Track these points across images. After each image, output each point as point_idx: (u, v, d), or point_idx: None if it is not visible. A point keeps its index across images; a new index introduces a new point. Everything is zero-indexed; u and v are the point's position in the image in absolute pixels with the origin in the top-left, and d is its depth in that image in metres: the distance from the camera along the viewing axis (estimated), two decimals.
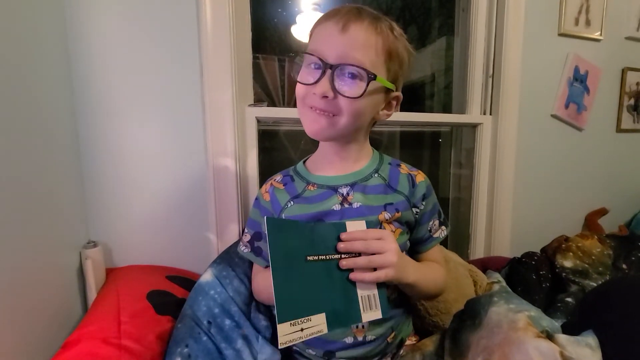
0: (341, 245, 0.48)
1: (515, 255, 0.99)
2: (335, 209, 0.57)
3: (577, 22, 1.27)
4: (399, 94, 0.59)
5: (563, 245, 0.96)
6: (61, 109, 0.73)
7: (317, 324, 0.44)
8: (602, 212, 1.41)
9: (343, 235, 0.49)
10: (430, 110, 1.39)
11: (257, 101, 0.96)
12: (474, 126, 1.23)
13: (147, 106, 0.83)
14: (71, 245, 0.73)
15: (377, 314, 0.49)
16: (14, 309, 0.53)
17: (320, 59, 0.50)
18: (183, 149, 0.86)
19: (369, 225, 0.52)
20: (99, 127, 0.80)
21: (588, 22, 1.28)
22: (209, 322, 0.64)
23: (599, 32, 1.31)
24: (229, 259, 0.74)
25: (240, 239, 0.71)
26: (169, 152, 0.85)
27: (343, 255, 0.49)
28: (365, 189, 0.58)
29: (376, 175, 0.60)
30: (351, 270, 0.48)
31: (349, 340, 0.56)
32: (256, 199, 0.67)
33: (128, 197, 0.84)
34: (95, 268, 0.75)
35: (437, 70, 1.38)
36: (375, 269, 0.49)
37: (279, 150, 1.13)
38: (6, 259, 0.52)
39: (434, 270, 0.62)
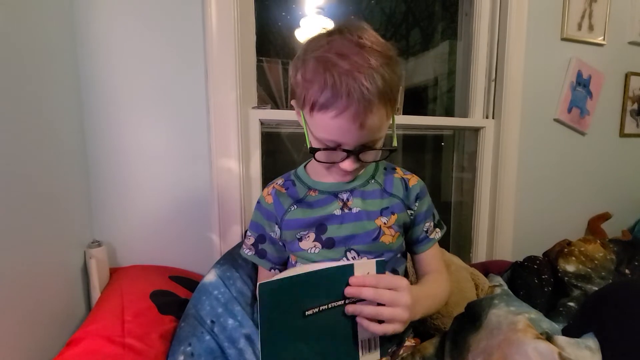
0: (349, 290, 0.46)
1: (517, 259, 0.98)
2: (336, 213, 0.60)
3: (580, 27, 1.27)
4: (397, 106, 0.63)
5: (565, 250, 0.96)
6: (68, 111, 0.74)
7: None
8: (605, 216, 1.40)
9: (352, 280, 0.47)
10: (433, 113, 1.40)
11: (261, 104, 0.97)
12: (476, 130, 1.23)
13: (152, 108, 0.84)
14: (76, 244, 0.74)
15: (375, 355, 0.48)
16: (19, 306, 0.53)
17: (344, 150, 0.51)
18: (187, 150, 0.87)
19: (379, 267, 0.49)
20: (105, 128, 0.81)
21: (591, 27, 1.29)
22: (212, 322, 0.64)
23: (602, 37, 1.31)
24: (232, 260, 0.75)
25: (242, 241, 0.71)
26: (173, 154, 0.87)
27: (347, 300, 0.46)
28: (364, 194, 0.61)
29: (372, 181, 0.63)
30: (354, 315, 0.47)
31: None
32: (258, 202, 0.68)
33: (132, 198, 0.85)
34: (99, 267, 0.75)
35: (440, 74, 1.38)
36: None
37: (281, 152, 1.13)
38: (13, 256, 0.53)
39: (438, 286, 0.62)
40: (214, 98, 0.86)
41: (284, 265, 0.68)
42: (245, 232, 0.72)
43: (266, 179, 0.97)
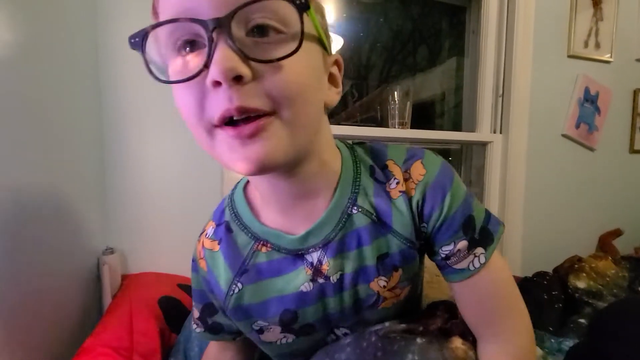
0: None
1: (527, 274, 0.97)
2: (304, 289, 0.37)
3: (586, 45, 1.29)
4: (339, 56, 0.36)
5: (576, 266, 0.94)
6: (88, 121, 0.77)
7: None
8: (617, 233, 1.38)
9: None
10: (441, 128, 1.41)
11: None
12: (483, 144, 1.24)
13: (167, 121, 0.87)
14: (90, 251, 0.76)
15: None
16: (34, 310, 0.55)
17: (194, 21, 0.26)
18: (198, 161, 0.90)
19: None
20: (121, 139, 0.84)
21: (598, 45, 1.30)
22: None
23: (609, 55, 1.32)
24: None
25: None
26: (185, 164, 0.89)
27: None
28: (344, 246, 0.36)
29: (355, 210, 0.36)
30: None
31: None
32: (193, 260, 0.45)
33: (145, 207, 0.87)
34: (112, 274, 0.77)
35: (447, 89, 1.41)
36: None
37: None
38: (30, 262, 0.54)
39: None
40: None
41: None
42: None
43: None
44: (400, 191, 0.36)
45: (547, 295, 0.87)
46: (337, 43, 1.20)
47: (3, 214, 0.48)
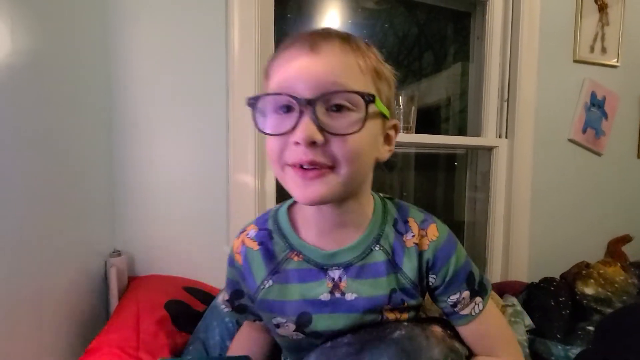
0: None
1: (533, 280, 0.96)
2: (323, 299, 0.44)
3: (592, 50, 1.28)
4: (397, 121, 0.46)
5: (584, 272, 0.93)
6: (99, 128, 0.79)
7: None
8: (626, 239, 1.36)
9: None
10: (446, 133, 1.41)
11: None
12: (489, 149, 1.24)
13: (175, 125, 0.88)
14: (98, 253, 0.77)
15: None
16: (43, 312, 0.56)
17: (292, 97, 0.36)
18: (206, 165, 0.91)
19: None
20: (130, 142, 0.86)
21: (604, 50, 1.30)
22: (220, 355, 0.61)
23: (616, 59, 1.31)
24: None
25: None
26: (193, 168, 0.90)
27: None
28: (362, 273, 0.45)
29: (377, 247, 0.45)
30: None
31: None
32: (229, 256, 0.53)
33: (152, 210, 0.88)
34: (119, 276, 0.78)
35: (453, 94, 1.41)
36: None
37: None
38: (39, 262, 0.55)
39: None
40: (233, 115, 0.90)
41: None
42: None
43: (280, 194, 0.99)
44: (414, 243, 0.46)
45: (554, 302, 0.86)
46: None
47: (13, 216, 0.49)
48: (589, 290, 0.87)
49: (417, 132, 1.15)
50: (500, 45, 1.21)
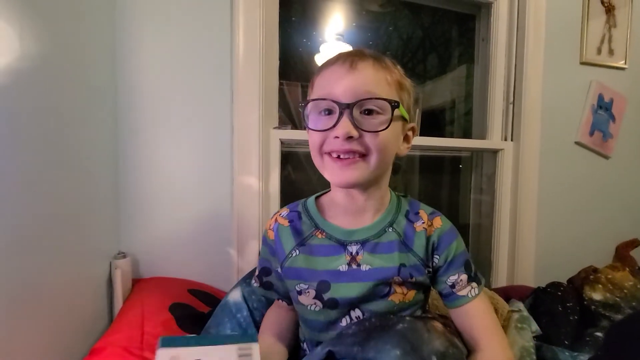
0: None
1: (540, 285, 0.95)
2: (342, 269, 0.53)
3: (599, 52, 1.27)
4: (415, 124, 0.58)
5: (591, 277, 0.92)
6: (103, 129, 0.79)
7: None
8: (635, 243, 1.34)
9: None
10: (451, 135, 1.40)
11: (281, 124, 1.01)
12: (494, 152, 1.23)
13: (180, 128, 0.89)
14: (103, 255, 0.78)
15: None
16: (48, 314, 0.56)
17: (334, 102, 0.48)
18: (211, 167, 0.91)
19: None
20: (135, 145, 0.86)
21: (611, 52, 1.28)
22: None
23: (623, 61, 1.30)
24: None
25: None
26: (197, 171, 0.91)
27: None
28: (377, 248, 0.54)
29: (390, 229, 0.55)
30: None
31: None
32: (263, 236, 0.63)
33: (157, 211, 0.88)
34: (124, 278, 0.78)
35: (457, 96, 1.40)
36: None
37: (300, 171, 1.16)
38: (44, 265, 0.56)
39: None
40: (238, 119, 0.90)
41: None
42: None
43: (284, 196, 0.99)
44: (423, 228, 0.55)
45: (562, 307, 0.84)
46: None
47: (18, 217, 0.50)
48: (597, 296, 0.86)
49: (421, 134, 1.15)
50: (506, 46, 1.21)
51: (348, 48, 1.21)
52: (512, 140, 1.21)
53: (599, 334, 0.78)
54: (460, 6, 1.30)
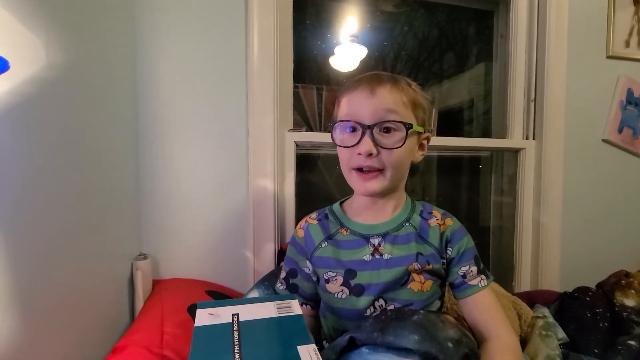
0: None
1: (566, 289, 0.91)
2: (366, 259, 0.60)
3: (627, 44, 1.21)
4: (429, 134, 0.64)
5: (623, 282, 0.87)
6: (125, 134, 0.82)
7: None
8: None
9: None
10: (469, 135, 1.37)
11: (296, 127, 1.02)
12: (515, 151, 1.19)
13: (198, 131, 0.91)
14: (125, 256, 0.80)
15: None
16: (72, 313, 0.58)
17: (357, 123, 0.57)
18: (227, 171, 0.93)
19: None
20: (155, 148, 0.88)
21: None
22: None
23: None
24: (275, 280, 0.76)
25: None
26: (214, 175, 0.92)
27: None
28: (396, 239, 0.61)
29: (407, 224, 0.63)
30: None
31: None
32: (292, 237, 0.70)
33: (176, 214, 0.90)
34: (144, 279, 0.80)
35: (476, 95, 1.37)
36: None
37: (315, 173, 1.16)
38: (67, 264, 0.58)
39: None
40: (253, 121, 0.91)
41: (317, 302, 0.67)
42: (279, 249, 0.73)
43: (299, 198, 0.99)
44: (437, 224, 0.63)
45: (591, 313, 0.80)
46: (360, 53, 1.21)
47: (43, 219, 0.52)
48: (629, 302, 0.81)
49: (439, 134, 1.13)
50: (526, 42, 1.17)
51: (363, 50, 1.20)
52: (534, 138, 1.16)
53: (632, 342, 0.74)
54: (477, 3, 1.27)
